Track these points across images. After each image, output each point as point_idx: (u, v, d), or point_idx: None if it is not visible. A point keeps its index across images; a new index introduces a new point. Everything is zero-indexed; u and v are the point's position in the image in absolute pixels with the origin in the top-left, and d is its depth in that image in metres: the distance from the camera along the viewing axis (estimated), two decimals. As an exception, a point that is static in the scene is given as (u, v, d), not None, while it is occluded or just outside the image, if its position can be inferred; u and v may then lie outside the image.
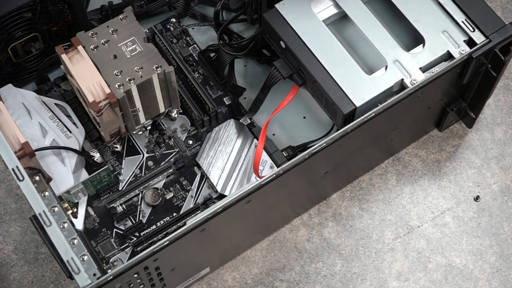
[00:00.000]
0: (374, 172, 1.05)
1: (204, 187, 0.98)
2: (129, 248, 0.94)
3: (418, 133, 1.06)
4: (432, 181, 1.04)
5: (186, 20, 1.09)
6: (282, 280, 0.98)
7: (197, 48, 1.06)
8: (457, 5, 0.91)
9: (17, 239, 1.00)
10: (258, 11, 1.00)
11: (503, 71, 0.92)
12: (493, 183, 1.04)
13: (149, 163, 0.99)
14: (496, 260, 1.00)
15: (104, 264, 0.93)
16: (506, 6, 1.16)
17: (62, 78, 1.00)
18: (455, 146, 1.06)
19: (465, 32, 0.90)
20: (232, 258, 0.99)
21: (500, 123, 1.08)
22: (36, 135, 0.93)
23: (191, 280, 0.96)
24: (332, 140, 0.83)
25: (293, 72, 0.92)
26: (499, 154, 1.06)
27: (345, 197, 1.03)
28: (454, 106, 1.01)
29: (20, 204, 1.02)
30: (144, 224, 0.95)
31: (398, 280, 0.98)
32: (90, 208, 0.96)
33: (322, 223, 1.01)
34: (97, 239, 0.94)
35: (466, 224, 1.02)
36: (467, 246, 1.00)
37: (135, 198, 0.97)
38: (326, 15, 0.93)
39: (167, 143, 1.00)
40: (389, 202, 1.03)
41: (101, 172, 0.94)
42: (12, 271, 0.98)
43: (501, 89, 1.10)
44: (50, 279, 0.98)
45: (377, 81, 0.89)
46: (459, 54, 0.89)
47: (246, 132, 0.99)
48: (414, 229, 1.01)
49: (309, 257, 1.00)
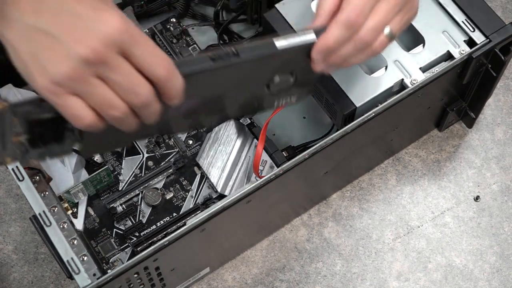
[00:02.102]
0: (374, 172, 1.05)
1: (204, 187, 0.98)
2: (129, 248, 0.94)
3: (418, 133, 1.06)
4: (432, 181, 1.04)
5: (186, 20, 1.09)
6: (282, 280, 0.98)
7: (197, 48, 1.06)
8: (457, 5, 0.91)
9: (17, 239, 1.00)
10: (258, 11, 1.00)
11: (503, 71, 0.92)
12: (493, 183, 1.04)
13: (149, 163, 0.99)
14: (496, 260, 0.99)
15: (104, 264, 0.93)
16: (506, 6, 1.16)
17: (62, 78, 1.00)
18: (455, 146, 1.06)
19: (465, 32, 0.90)
20: (232, 258, 0.99)
21: (500, 123, 1.08)
22: (36, 135, 0.93)
23: (191, 280, 0.96)
24: (332, 140, 0.83)
25: (293, 72, 0.92)
26: (499, 154, 1.06)
27: (345, 197, 1.03)
28: (454, 106, 1.01)
29: (20, 204, 1.02)
30: (144, 224, 0.95)
31: (398, 280, 0.98)
32: (90, 208, 0.96)
33: (322, 223, 1.01)
34: (97, 239, 0.94)
35: (466, 224, 1.02)
36: (467, 246, 1.00)
37: (135, 198, 0.97)
38: (326, 15, 0.93)
39: (167, 143, 1.00)
40: (389, 202, 1.03)
41: (101, 172, 0.94)
42: (12, 271, 0.98)
43: (501, 89, 1.10)
44: (50, 279, 0.98)
45: (377, 81, 0.89)
46: (459, 54, 0.89)
47: (246, 132, 0.99)
48: (414, 229, 1.01)
49: (309, 257, 1.00)
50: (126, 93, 0.60)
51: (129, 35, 0.59)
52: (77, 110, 0.60)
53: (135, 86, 0.60)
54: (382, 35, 0.73)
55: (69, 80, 0.58)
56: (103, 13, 0.59)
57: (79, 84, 0.59)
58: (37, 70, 0.59)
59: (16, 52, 0.60)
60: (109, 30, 0.58)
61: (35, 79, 0.59)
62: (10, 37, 0.60)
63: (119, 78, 0.60)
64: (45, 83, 0.59)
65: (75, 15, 0.59)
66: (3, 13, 0.60)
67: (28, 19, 0.59)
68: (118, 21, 0.59)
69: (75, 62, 0.58)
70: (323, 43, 0.71)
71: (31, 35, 0.59)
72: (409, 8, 0.74)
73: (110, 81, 0.60)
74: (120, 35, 0.59)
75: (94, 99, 0.60)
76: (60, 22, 0.59)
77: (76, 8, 0.59)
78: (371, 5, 0.71)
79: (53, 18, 0.59)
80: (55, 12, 0.59)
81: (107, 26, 0.58)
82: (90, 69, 0.59)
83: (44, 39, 0.59)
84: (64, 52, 0.58)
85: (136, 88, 0.60)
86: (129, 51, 0.60)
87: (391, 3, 0.72)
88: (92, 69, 0.59)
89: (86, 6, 0.59)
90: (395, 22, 0.73)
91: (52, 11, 0.59)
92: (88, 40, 0.58)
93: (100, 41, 0.58)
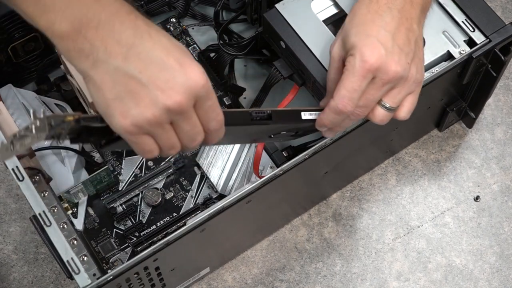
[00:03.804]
0: (374, 172, 1.05)
1: (204, 187, 0.98)
2: (129, 248, 0.94)
3: (418, 133, 1.06)
4: (432, 181, 1.04)
5: (186, 20, 1.09)
6: (282, 280, 0.98)
7: (197, 48, 1.06)
8: (457, 5, 0.91)
9: (17, 239, 1.00)
10: (258, 11, 0.99)
11: (503, 71, 0.92)
12: (493, 183, 1.04)
13: (149, 163, 0.99)
14: (496, 260, 0.99)
15: (104, 264, 0.93)
16: (506, 6, 1.16)
17: (62, 78, 1.00)
18: (455, 146, 1.06)
19: (465, 32, 0.90)
20: (232, 258, 0.99)
21: (500, 123, 1.08)
22: (36, 135, 0.93)
23: (191, 280, 0.96)
24: (332, 140, 0.83)
25: (293, 72, 0.92)
26: (499, 154, 1.06)
27: (345, 197, 1.03)
28: (454, 106, 1.01)
29: (20, 204, 1.02)
30: (144, 224, 0.95)
31: (398, 280, 0.98)
32: (90, 208, 0.96)
33: (322, 223, 1.01)
34: (97, 239, 0.94)
35: (466, 224, 1.02)
36: (467, 246, 1.00)
37: (135, 198, 0.97)
38: (326, 15, 0.93)
39: (167, 143, 1.00)
40: (389, 202, 1.03)
41: (101, 172, 0.94)
42: (12, 271, 0.98)
43: (501, 89, 1.10)
44: (50, 279, 0.98)
45: (377, 81, 0.89)
46: (459, 54, 0.89)
47: (246, 132, 0.99)
48: (414, 229, 1.01)
49: (309, 257, 1.00)
50: (188, 139, 0.68)
51: (206, 90, 0.65)
52: (149, 147, 0.66)
53: (196, 134, 0.68)
54: (378, 108, 0.78)
55: (149, 125, 0.64)
56: (188, 67, 0.64)
57: (155, 129, 0.65)
58: (120, 112, 0.63)
59: (100, 92, 0.64)
60: (193, 84, 0.64)
61: (116, 119, 0.64)
62: (96, 77, 0.63)
63: (188, 127, 0.66)
64: (126, 124, 0.64)
65: (163, 66, 0.63)
66: (90, 52, 0.63)
67: (117, 63, 0.63)
68: (201, 77, 0.65)
69: (159, 110, 0.63)
70: (320, 122, 0.78)
71: (119, 78, 0.63)
72: (404, 84, 0.77)
73: (179, 128, 0.66)
74: (201, 90, 0.65)
75: (163, 141, 0.66)
76: (149, 70, 0.63)
77: (164, 59, 0.63)
78: (361, 89, 0.75)
79: (142, 66, 0.63)
80: (144, 60, 0.63)
81: (192, 80, 0.64)
82: (168, 117, 0.64)
83: (131, 84, 0.63)
84: (149, 99, 0.63)
85: (196, 136, 0.68)
86: (201, 104, 0.66)
87: (378, 84, 0.75)
88: (170, 117, 0.64)
89: (174, 58, 0.64)
90: (389, 97, 0.77)
91: (141, 59, 0.63)
92: (174, 91, 0.63)
93: (183, 94, 0.63)
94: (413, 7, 0.78)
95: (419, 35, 0.79)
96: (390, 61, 0.74)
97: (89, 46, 0.63)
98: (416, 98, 0.80)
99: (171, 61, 0.64)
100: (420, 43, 0.79)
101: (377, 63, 0.74)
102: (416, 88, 0.79)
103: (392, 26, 0.76)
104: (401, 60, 0.75)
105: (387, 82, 0.75)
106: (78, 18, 0.62)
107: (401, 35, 0.76)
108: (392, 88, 0.77)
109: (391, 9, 0.76)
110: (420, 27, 0.79)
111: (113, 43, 0.63)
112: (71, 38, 0.63)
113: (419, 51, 0.78)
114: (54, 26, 0.63)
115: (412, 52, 0.77)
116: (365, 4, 0.78)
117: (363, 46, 0.74)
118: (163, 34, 0.65)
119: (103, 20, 0.63)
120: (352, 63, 0.75)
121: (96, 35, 0.63)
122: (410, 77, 0.77)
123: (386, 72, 0.74)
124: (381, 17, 0.76)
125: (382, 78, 0.75)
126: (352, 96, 0.75)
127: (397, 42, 0.75)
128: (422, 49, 0.79)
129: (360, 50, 0.74)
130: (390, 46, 0.75)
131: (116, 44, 0.63)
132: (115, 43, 0.63)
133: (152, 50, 0.64)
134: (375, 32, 0.75)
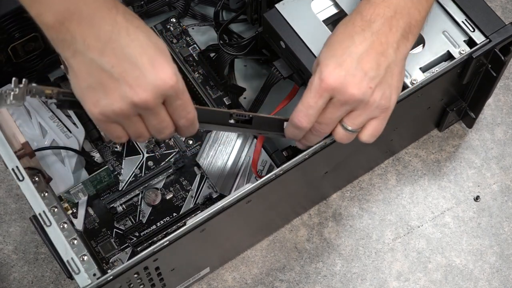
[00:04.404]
0: (374, 172, 1.05)
1: (204, 187, 0.98)
2: (129, 248, 0.94)
3: (418, 133, 1.06)
4: (432, 181, 1.04)
5: (186, 20, 1.09)
6: (282, 280, 0.98)
7: (197, 48, 1.06)
8: (457, 5, 0.91)
9: (17, 239, 1.00)
10: (258, 11, 0.99)
11: (503, 71, 0.92)
12: (493, 183, 1.04)
13: (149, 163, 0.99)
14: (496, 260, 0.99)
15: (104, 264, 0.93)
16: (506, 6, 1.16)
17: (62, 78, 1.00)
18: (455, 146, 1.06)
19: (465, 32, 0.90)
20: (232, 258, 0.99)
21: (500, 123, 1.08)
22: (36, 135, 0.93)
23: (191, 280, 0.96)
24: (332, 140, 0.83)
25: (293, 72, 0.92)
26: (499, 154, 1.06)
27: (345, 197, 1.03)
28: (454, 106, 1.01)
29: (20, 204, 1.02)
30: (144, 224, 0.95)
31: (398, 280, 0.98)
32: (90, 208, 0.96)
33: (322, 223, 1.01)
34: (97, 239, 0.94)
35: (466, 224, 1.02)
36: (467, 246, 1.00)
37: (135, 198, 0.97)
38: (326, 15, 0.93)
39: (167, 143, 1.00)
40: (389, 202, 1.03)
41: (101, 172, 0.94)
42: (12, 271, 0.98)
43: (501, 89, 1.10)
44: (50, 279, 0.98)
45: (377, 81, 0.89)
46: (459, 54, 0.89)
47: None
48: (414, 229, 1.01)
49: (309, 257, 1.00)
50: (155, 131, 0.73)
51: (175, 91, 0.69)
52: (117, 133, 0.72)
53: (164, 128, 0.72)
54: (339, 128, 0.79)
55: (115, 116, 0.69)
56: (159, 67, 0.68)
57: (122, 119, 0.70)
58: (91, 100, 0.69)
59: (76, 79, 0.69)
60: (161, 84, 0.68)
61: (87, 106, 0.69)
62: (74, 65, 0.69)
63: (155, 122, 0.71)
64: (96, 112, 0.69)
65: (135, 63, 0.67)
66: (71, 43, 0.67)
67: (93, 56, 0.67)
68: (171, 78, 0.68)
69: (126, 104, 0.68)
70: (286, 134, 0.82)
71: (93, 70, 0.67)
72: (365, 108, 0.76)
73: (147, 121, 0.71)
74: (169, 90, 0.68)
75: (130, 130, 0.72)
76: (121, 66, 0.67)
77: (137, 57, 0.67)
78: (317, 107, 0.76)
79: (116, 61, 0.67)
80: (119, 56, 0.67)
81: (160, 80, 0.67)
82: (135, 111, 0.69)
83: (103, 77, 0.67)
84: (118, 93, 0.67)
85: (164, 129, 0.72)
86: (170, 102, 0.70)
87: (336, 104, 0.76)
88: (137, 111, 0.69)
89: (147, 57, 0.67)
90: (349, 118, 0.77)
91: (116, 55, 0.67)
92: (141, 89, 0.67)
93: (151, 92, 0.68)
94: (392, 31, 0.76)
95: (394, 61, 0.76)
96: (349, 83, 0.74)
97: (70, 37, 0.67)
98: (381, 123, 0.79)
99: (143, 59, 0.67)
100: (395, 69, 0.77)
101: (334, 84, 0.74)
102: (381, 114, 0.78)
103: (361, 49, 0.75)
104: (362, 83, 0.74)
105: (344, 104, 0.75)
106: (62, 11, 0.67)
107: (369, 59, 0.75)
108: (352, 110, 0.77)
109: (364, 32, 0.76)
110: (398, 53, 0.77)
111: (91, 37, 0.67)
112: (55, 29, 0.67)
113: (391, 77, 0.77)
114: (41, 16, 0.68)
115: (380, 77, 0.75)
116: (344, 25, 0.78)
117: (325, 66, 0.75)
118: (141, 31, 0.68)
119: (85, 14, 0.67)
120: (312, 80, 0.76)
121: (77, 28, 0.67)
122: (372, 102, 0.76)
123: (343, 94, 0.74)
124: (351, 38, 0.76)
125: (340, 99, 0.75)
126: (308, 112, 0.76)
127: (362, 65, 0.75)
128: (397, 75, 0.77)
129: (321, 69, 0.75)
130: (353, 69, 0.74)
131: (94, 38, 0.67)
132: (93, 37, 0.67)
133: (127, 47, 0.67)
134: (339, 53, 0.75)
